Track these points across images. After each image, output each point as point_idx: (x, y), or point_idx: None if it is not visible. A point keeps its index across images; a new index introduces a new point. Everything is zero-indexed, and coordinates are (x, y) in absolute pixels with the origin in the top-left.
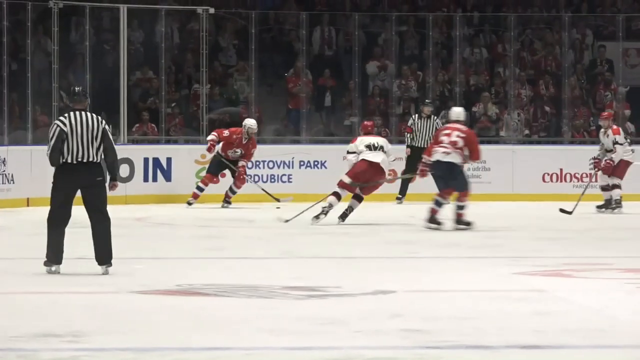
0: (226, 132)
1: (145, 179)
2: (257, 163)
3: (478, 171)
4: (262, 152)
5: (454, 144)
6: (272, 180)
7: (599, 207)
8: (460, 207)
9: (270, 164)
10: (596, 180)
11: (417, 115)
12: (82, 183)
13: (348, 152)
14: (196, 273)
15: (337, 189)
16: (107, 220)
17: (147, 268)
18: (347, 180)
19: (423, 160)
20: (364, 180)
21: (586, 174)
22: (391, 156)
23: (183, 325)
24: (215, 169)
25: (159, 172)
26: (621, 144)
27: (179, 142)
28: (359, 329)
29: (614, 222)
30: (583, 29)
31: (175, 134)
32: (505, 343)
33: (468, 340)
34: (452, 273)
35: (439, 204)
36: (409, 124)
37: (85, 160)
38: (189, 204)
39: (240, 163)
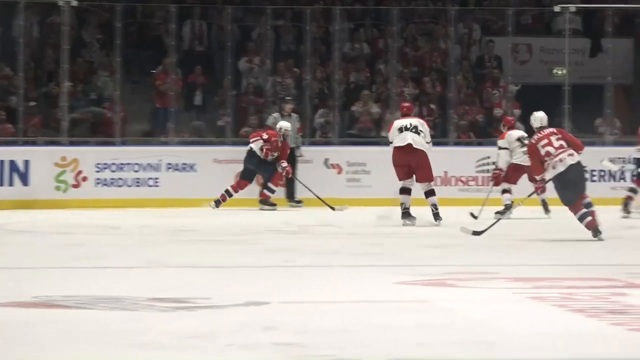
0: (265, 136)
1: (1, 183)
2: (122, 166)
3: (358, 174)
4: (126, 154)
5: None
6: (138, 184)
7: (497, 212)
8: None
9: (136, 167)
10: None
11: (278, 113)
12: None
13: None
14: (55, 283)
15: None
16: None
17: (1, 278)
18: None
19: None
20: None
21: (472, 177)
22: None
23: (39, 340)
24: (250, 175)
25: (15, 175)
26: (505, 149)
27: (37, 144)
28: (229, 343)
29: (502, 228)
30: (470, 24)
31: (34, 135)
32: (386, 357)
33: (346, 354)
34: (330, 282)
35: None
36: (268, 122)
37: None
38: (217, 205)
39: (284, 164)
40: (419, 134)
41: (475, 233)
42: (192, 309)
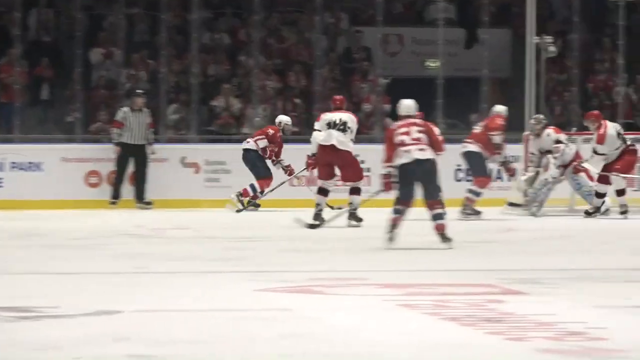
0: (271, 131)
1: None
2: None
3: (217, 174)
4: None
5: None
6: None
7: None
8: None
9: None
10: None
11: (128, 108)
12: None
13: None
14: None
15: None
16: None
17: None
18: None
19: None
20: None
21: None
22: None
23: None
24: (268, 171)
25: None
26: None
27: None
28: (78, 355)
29: (370, 230)
30: (338, 13)
31: None
32: None
33: None
34: (187, 290)
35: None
36: (117, 117)
37: None
38: (256, 206)
39: (285, 163)
40: (346, 131)
41: (310, 226)
42: (39, 318)
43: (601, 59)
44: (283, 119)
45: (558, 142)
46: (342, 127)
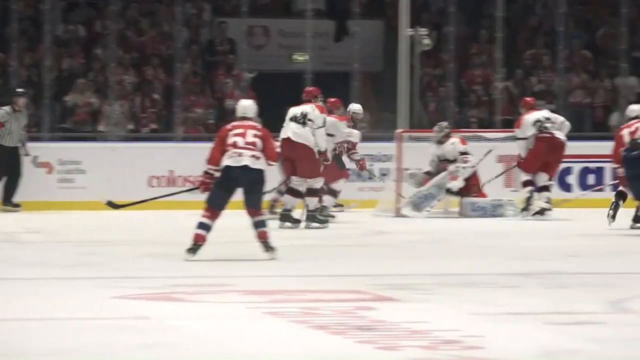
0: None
1: None
2: None
3: (71, 174)
4: None
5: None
6: None
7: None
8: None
9: None
10: None
11: (10, 107)
12: None
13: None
14: None
15: None
16: None
17: None
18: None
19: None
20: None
21: None
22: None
23: None
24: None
25: None
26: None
27: None
28: None
29: (227, 234)
30: (200, 3)
31: None
32: None
33: None
34: (40, 298)
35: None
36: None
37: None
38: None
39: (357, 156)
40: (305, 124)
41: (111, 204)
42: None
43: (478, 53)
44: (353, 107)
45: (465, 153)
46: (302, 119)
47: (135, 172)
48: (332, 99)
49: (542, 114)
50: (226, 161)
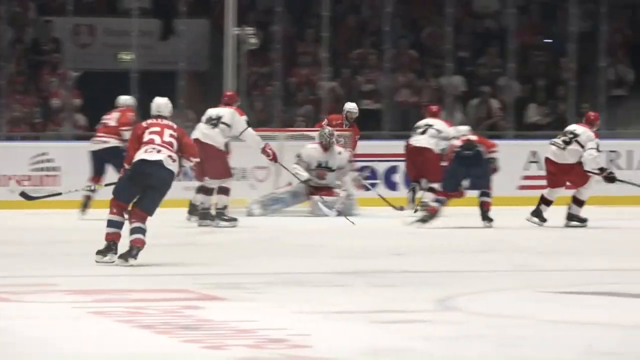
0: (325, 121)
1: None
2: None
3: None
4: None
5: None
6: None
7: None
8: None
9: None
10: None
11: None
12: None
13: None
14: None
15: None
16: None
17: None
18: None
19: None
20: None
21: (27, 176)
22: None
23: None
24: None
25: None
26: None
27: None
28: None
29: (50, 233)
30: (25, 1)
31: None
32: None
33: None
34: None
35: None
36: None
37: None
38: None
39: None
40: (217, 126)
41: (25, 195)
42: None
43: (305, 52)
44: (347, 106)
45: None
46: (215, 121)
47: None
48: (230, 92)
49: (427, 121)
50: (141, 155)
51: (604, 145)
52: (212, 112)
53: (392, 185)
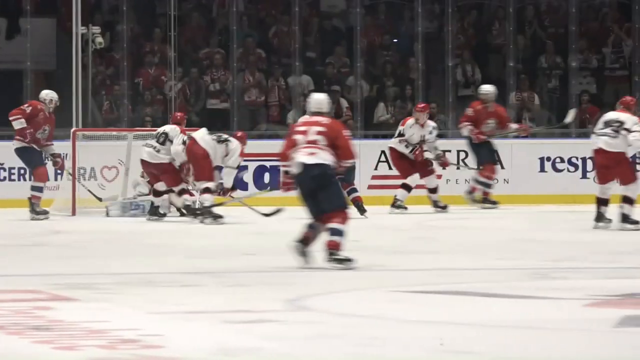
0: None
1: None
2: None
3: None
4: None
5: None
6: None
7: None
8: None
9: None
10: None
11: None
12: None
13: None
14: None
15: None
16: None
17: None
18: None
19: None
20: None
21: None
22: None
23: None
24: None
25: None
26: None
27: None
28: None
29: None
30: None
31: None
32: None
33: None
34: None
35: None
36: None
37: None
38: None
39: None
40: (164, 144)
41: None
42: None
43: (152, 51)
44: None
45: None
46: (162, 139)
47: None
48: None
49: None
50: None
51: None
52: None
53: (243, 187)
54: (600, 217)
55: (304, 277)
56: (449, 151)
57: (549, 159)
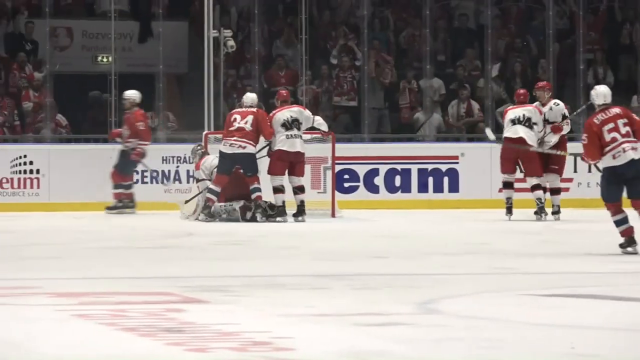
0: None
1: None
2: None
3: None
4: None
5: None
6: None
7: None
8: None
9: None
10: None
11: None
12: None
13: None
14: None
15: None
16: None
17: None
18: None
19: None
20: None
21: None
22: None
23: None
24: None
25: None
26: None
27: None
28: None
29: (40, 236)
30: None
31: None
32: None
33: None
34: None
35: None
36: None
37: None
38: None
39: None
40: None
41: None
42: None
43: (283, 54)
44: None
45: None
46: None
47: None
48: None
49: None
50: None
51: None
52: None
53: None
54: None
55: (432, 280)
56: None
57: None
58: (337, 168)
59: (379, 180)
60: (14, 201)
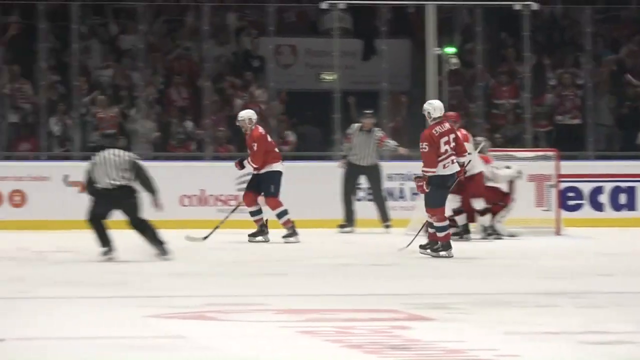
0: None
1: None
2: None
3: None
4: None
5: None
6: None
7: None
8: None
9: None
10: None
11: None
12: None
13: None
14: None
15: None
16: None
17: None
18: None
19: None
20: None
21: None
22: None
23: None
24: None
25: None
26: None
27: None
28: None
29: (264, 253)
30: (227, 23)
31: None
32: None
33: None
34: (71, 317)
35: None
36: None
37: None
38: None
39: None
40: None
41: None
42: None
43: (507, 70)
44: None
45: None
46: None
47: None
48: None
49: None
50: None
51: None
52: None
53: None
54: None
55: None
56: None
57: None
58: (562, 185)
59: (604, 198)
60: (240, 218)
